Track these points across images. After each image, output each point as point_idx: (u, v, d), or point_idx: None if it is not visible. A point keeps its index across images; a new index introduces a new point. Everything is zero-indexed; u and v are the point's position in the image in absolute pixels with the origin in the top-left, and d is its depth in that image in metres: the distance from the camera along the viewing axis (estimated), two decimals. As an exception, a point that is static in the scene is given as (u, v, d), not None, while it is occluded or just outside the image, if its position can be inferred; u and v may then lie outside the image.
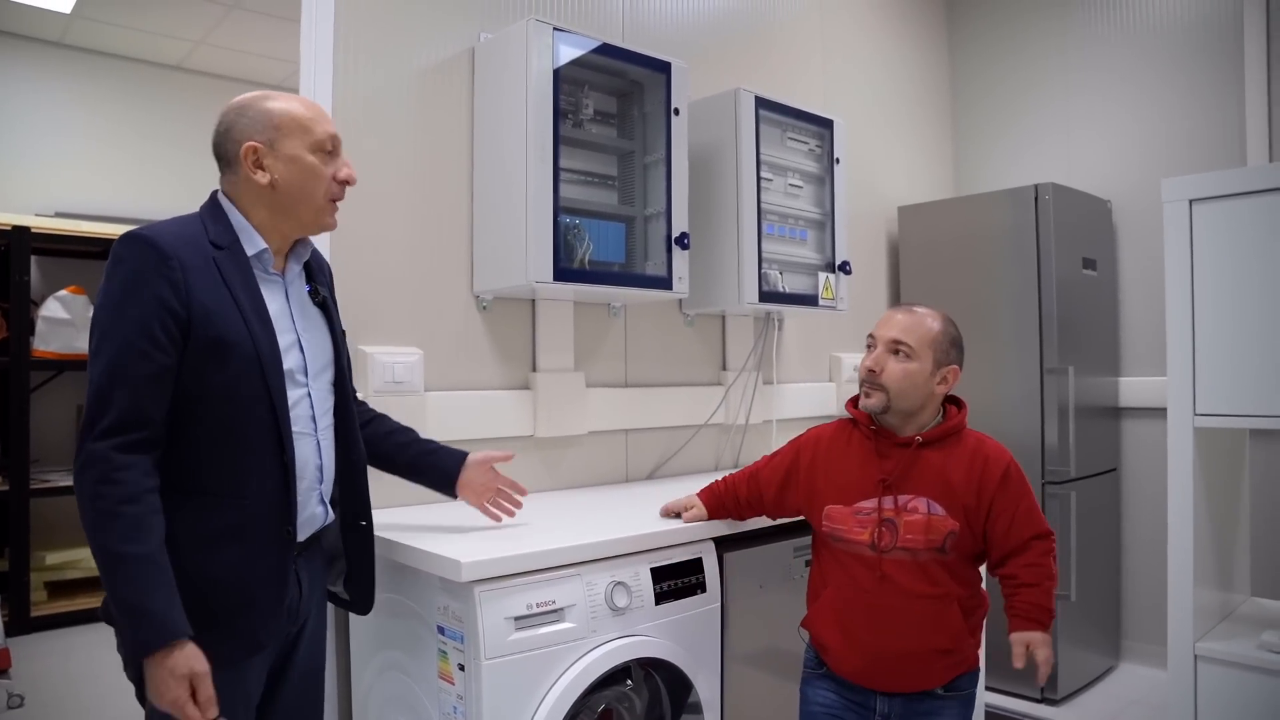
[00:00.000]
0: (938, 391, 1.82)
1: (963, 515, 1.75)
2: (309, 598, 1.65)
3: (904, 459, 1.80)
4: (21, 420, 4.57)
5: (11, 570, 4.54)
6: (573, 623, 1.80)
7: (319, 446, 1.63)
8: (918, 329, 1.81)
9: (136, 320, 1.40)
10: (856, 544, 1.81)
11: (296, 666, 1.66)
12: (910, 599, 1.75)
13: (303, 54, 2.25)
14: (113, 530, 1.34)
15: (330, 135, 1.60)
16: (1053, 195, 3.43)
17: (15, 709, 3.60)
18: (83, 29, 5.19)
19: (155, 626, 1.34)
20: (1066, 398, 3.40)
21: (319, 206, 1.60)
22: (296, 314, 1.62)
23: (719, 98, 2.90)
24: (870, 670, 1.81)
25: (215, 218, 1.56)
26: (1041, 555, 1.75)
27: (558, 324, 2.68)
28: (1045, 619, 1.73)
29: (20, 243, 4.62)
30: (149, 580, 1.34)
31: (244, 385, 1.48)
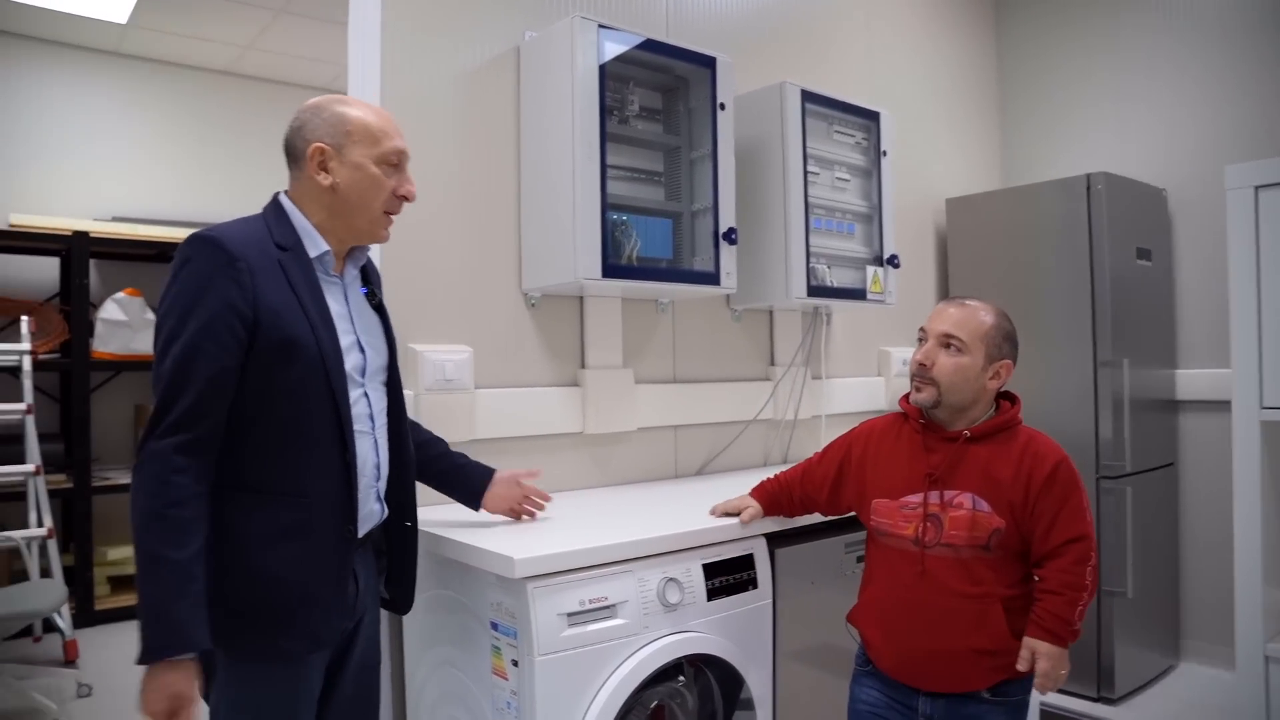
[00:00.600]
0: (989, 386, 1.79)
1: (1009, 513, 1.71)
2: (365, 594, 1.68)
3: (951, 454, 1.77)
4: (83, 420, 4.70)
5: (76, 565, 4.67)
6: (625, 619, 1.80)
7: (376, 445, 1.65)
8: (970, 322, 1.78)
9: (204, 321, 1.42)
10: (901, 538, 1.79)
11: (353, 662, 1.68)
12: (951, 596, 1.72)
13: (350, 56, 2.28)
14: (155, 531, 1.36)
15: (397, 150, 1.61)
16: (1105, 184, 3.36)
17: (84, 698, 3.71)
18: (137, 38, 5.30)
19: (172, 633, 1.35)
20: (1121, 391, 3.33)
21: (374, 217, 1.62)
22: (355, 315, 1.65)
23: (764, 91, 2.89)
24: (909, 667, 1.79)
25: (278, 219, 1.58)
26: (1075, 562, 1.68)
27: (606, 321, 2.68)
28: (1061, 630, 1.67)
29: (80, 247, 4.75)
30: (180, 586, 1.36)
31: (308, 385, 1.50)
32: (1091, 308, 3.37)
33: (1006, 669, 1.72)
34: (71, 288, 4.78)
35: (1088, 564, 1.68)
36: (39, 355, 4.53)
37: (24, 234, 4.79)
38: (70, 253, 4.79)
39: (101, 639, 4.43)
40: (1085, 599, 1.68)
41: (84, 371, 4.73)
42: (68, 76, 5.36)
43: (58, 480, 4.62)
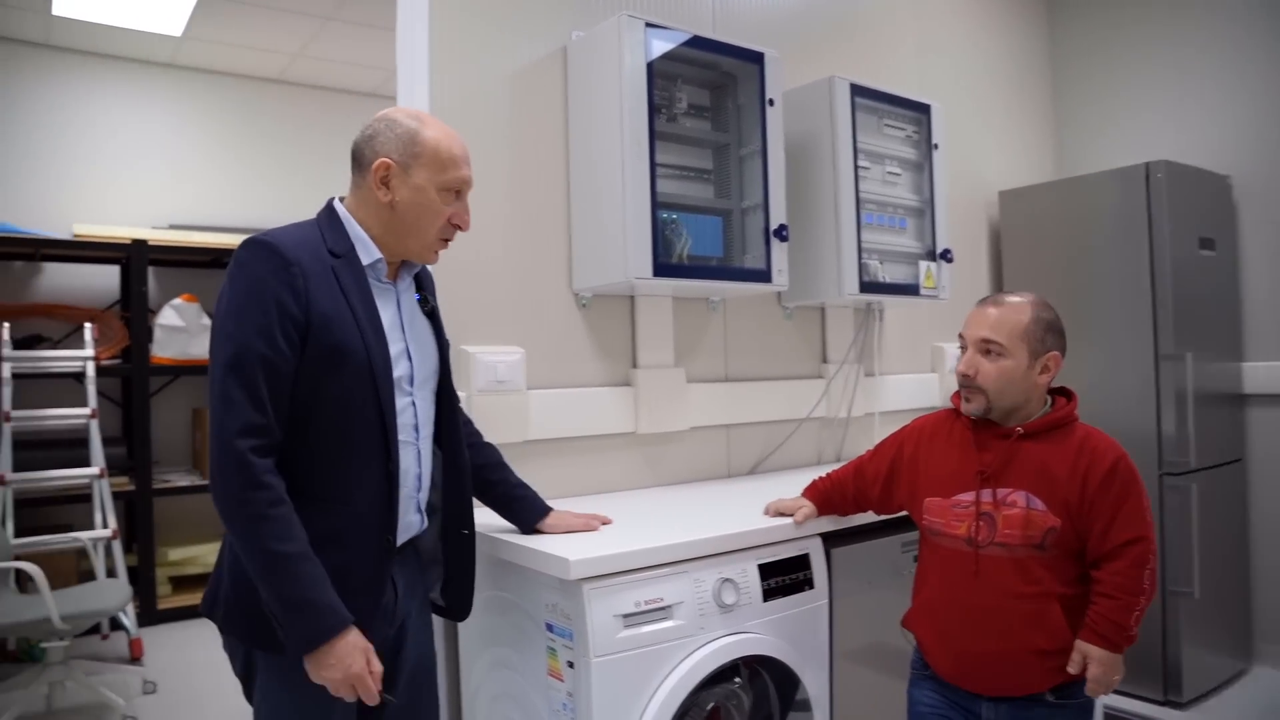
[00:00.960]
0: (1040, 382, 1.74)
1: (1064, 511, 1.66)
2: (405, 600, 1.67)
3: (1004, 451, 1.73)
4: (143, 423, 4.81)
5: (139, 565, 4.78)
6: (680, 620, 1.79)
7: (419, 455, 1.65)
8: (1006, 323, 1.73)
9: (259, 324, 1.42)
10: (953, 538, 1.76)
11: (405, 664, 1.69)
12: (1006, 597, 1.68)
13: (399, 59, 2.30)
14: (266, 532, 1.38)
15: (462, 179, 1.61)
16: (1165, 173, 3.27)
17: (149, 694, 3.79)
18: (191, 49, 5.41)
19: (327, 616, 1.40)
20: (1184, 385, 3.23)
21: (426, 243, 1.62)
22: (406, 323, 1.64)
23: (813, 86, 2.85)
24: (966, 671, 1.76)
25: (332, 225, 1.58)
26: (1131, 565, 1.62)
27: (657, 320, 2.67)
28: (1114, 635, 1.62)
29: (139, 255, 4.86)
30: (310, 575, 1.39)
31: (356, 393, 1.51)
32: (1152, 300, 3.28)
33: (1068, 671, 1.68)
34: (131, 295, 4.90)
35: (1145, 567, 1.63)
36: (101, 361, 4.65)
37: (86, 244, 4.92)
38: (130, 261, 4.91)
39: (164, 638, 4.53)
40: (1142, 604, 1.63)
41: (144, 376, 4.85)
42: (125, 89, 5.50)
43: (120, 483, 4.73)
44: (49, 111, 5.26)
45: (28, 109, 5.20)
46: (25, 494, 4.31)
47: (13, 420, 4.22)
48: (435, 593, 1.81)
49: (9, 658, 4.30)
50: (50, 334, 4.94)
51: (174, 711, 3.61)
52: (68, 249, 4.91)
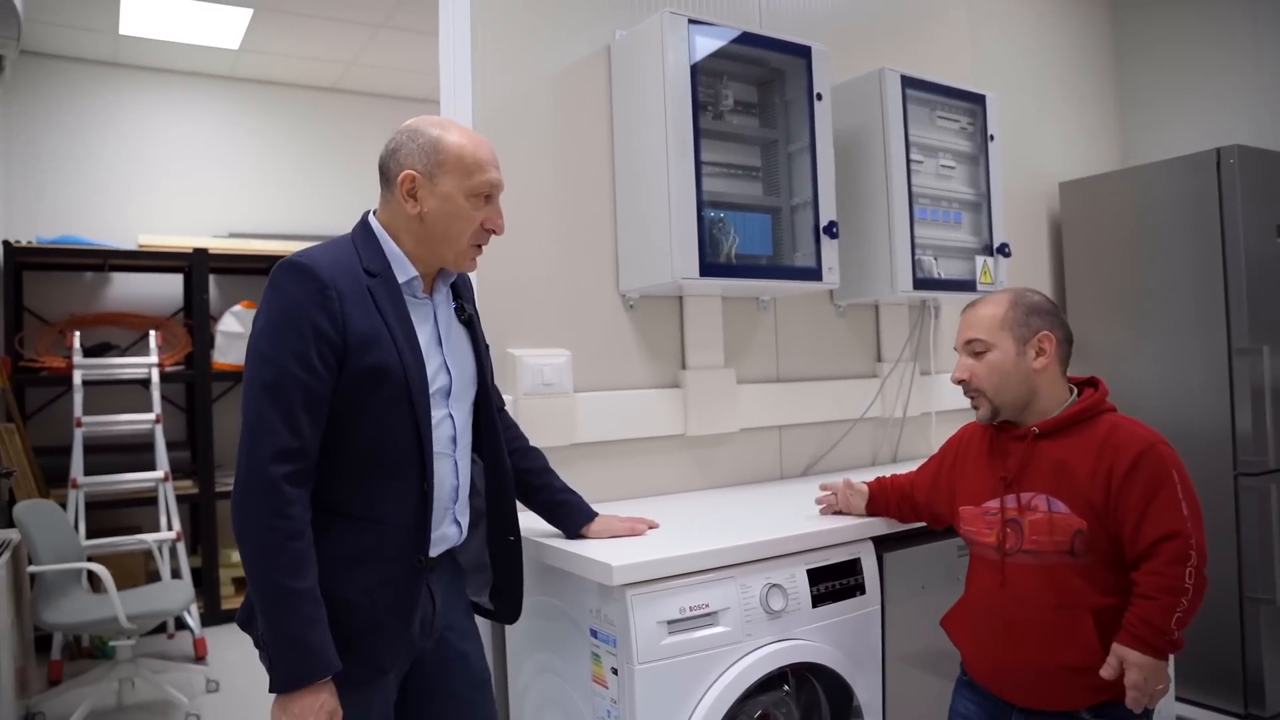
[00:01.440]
0: (1038, 367, 1.67)
1: (1089, 513, 1.58)
2: (445, 612, 1.65)
3: (1022, 453, 1.68)
4: (206, 428, 4.93)
5: (203, 566, 4.89)
6: (727, 626, 1.76)
7: (456, 467, 1.63)
8: (984, 319, 1.71)
9: (296, 349, 1.41)
10: (985, 546, 1.72)
11: (455, 675, 1.67)
12: (1033, 608, 1.62)
13: (441, 63, 2.30)
14: (280, 564, 1.37)
15: (490, 182, 1.57)
16: (1238, 158, 3.12)
17: (213, 693, 3.88)
18: (249, 61, 5.53)
19: (312, 660, 1.37)
20: (1261, 380, 3.09)
21: (460, 250, 1.58)
22: (444, 336, 1.62)
23: (863, 79, 2.79)
24: (999, 679, 1.71)
25: (367, 243, 1.57)
26: (1168, 563, 1.51)
27: (706, 320, 2.63)
28: (1153, 639, 1.50)
29: (200, 263, 4.98)
30: (310, 615, 1.37)
31: (393, 412, 1.49)
32: (1224, 292, 3.15)
33: (1105, 689, 1.57)
34: (193, 302, 5.02)
35: (1185, 564, 1.50)
36: (165, 368, 4.77)
37: (151, 253, 5.06)
38: (191, 269, 5.03)
39: (227, 638, 4.62)
40: (1185, 604, 1.51)
41: (206, 382, 4.96)
42: (186, 103, 5.65)
43: (184, 486, 4.85)
44: (115, 127, 5.43)
45: (96, 125, 5.37)
46: (95, 497, 4.44)
47: (84, 425, 4.35)
48: (483, 598, 1.80)
49: (84, 654, 4.44)
50: (118, 342, 5.09)
51: (235, 710, 3.68)
52: (133, 259, 5.05)
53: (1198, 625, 1.61)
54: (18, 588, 3.36)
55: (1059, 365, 1.70)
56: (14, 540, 3.39)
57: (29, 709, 3.55)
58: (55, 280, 5.12)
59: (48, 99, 5.23)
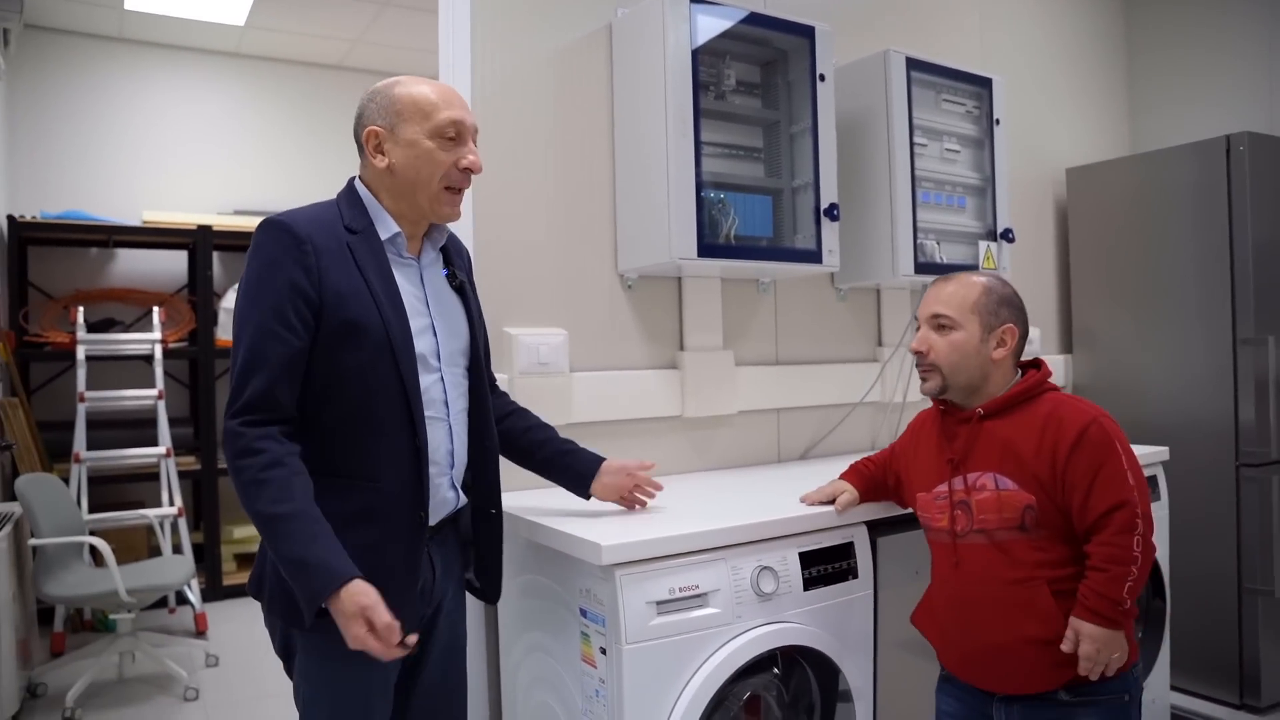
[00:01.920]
0: (997, 357, 1.69)
1: (1038, 488, 1.60)
2: (443, 580, 1.66)
3: (968, 435, 1.70)
4: (209, 404, 4.94)
5: (205, 542, 4.92)
6: (717, 608, 1.75)
7: (451, 431, 1.63)
8: (955, 296, 1.71)
9: (271, 305, 1.43)
10: (939, 531, 1.73)
11: (437, 646, 1.68)
12: (989, 584, 1.63)
13: (441, 40, 2.28)
14: (261, 496, 1.38)
15: (452, 121, 1.55)
16: (1249, 146, 3.09)
17: (212, 667, 3.91)
18: (254, 38, 5.52)
19: (320, 575, 1.36)
20: (1265, 371, 3.07)
21: (434, 194, 1.56)
22: (431, 298, 1.62)
23: (867, 61, 2.76)
24: (970, 666, 1.71)
25: (351, 202, 1.58)
26: (1117, 533, 1.53)
27: (705, 301, 2.62)
28: (1106, 610, 1.52)
29: (204, 240, 4.98)
30: (304, 533, 1.37)
31: (376, 369, 1.49)
32: (1230, 281, 3.12)
33: (1076, 662, 1.58)
34: (197, 279, 5.02)
35: (1133, 533, 1.52)
36: (169, 344, 4.78)
37: (155, 230, 5.06)
38: (196, 246, 5.03)
39: (228, 613, 4.66)
40: (1135, 573, 1.52)
41: (209, 359, 4.98)
42: (190, 79, 5.64)
43: (187, 462, 4.87)
44: (121, 102, 5.42)
45: (101, 100, 5.37)
46: (98, 471, 4.47)
47: (87, 400, 4.36)
48: (469, 574, 1.80)
49: (86, 627, 4.48)
50: (122, 318, 5.10)
51: (234, 684, 3.71)
52: (138, 235, 5.06)
53: (1194, 614, 1.60)
54: (19, 560, 3.38)
55: (1013, 358, 1.73)
56: (16, 513, 3.42)
57: (31, 680, 3.59)
58: (59, 255, 5.13)
59: (52, 74, 5.22)
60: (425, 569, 1.60)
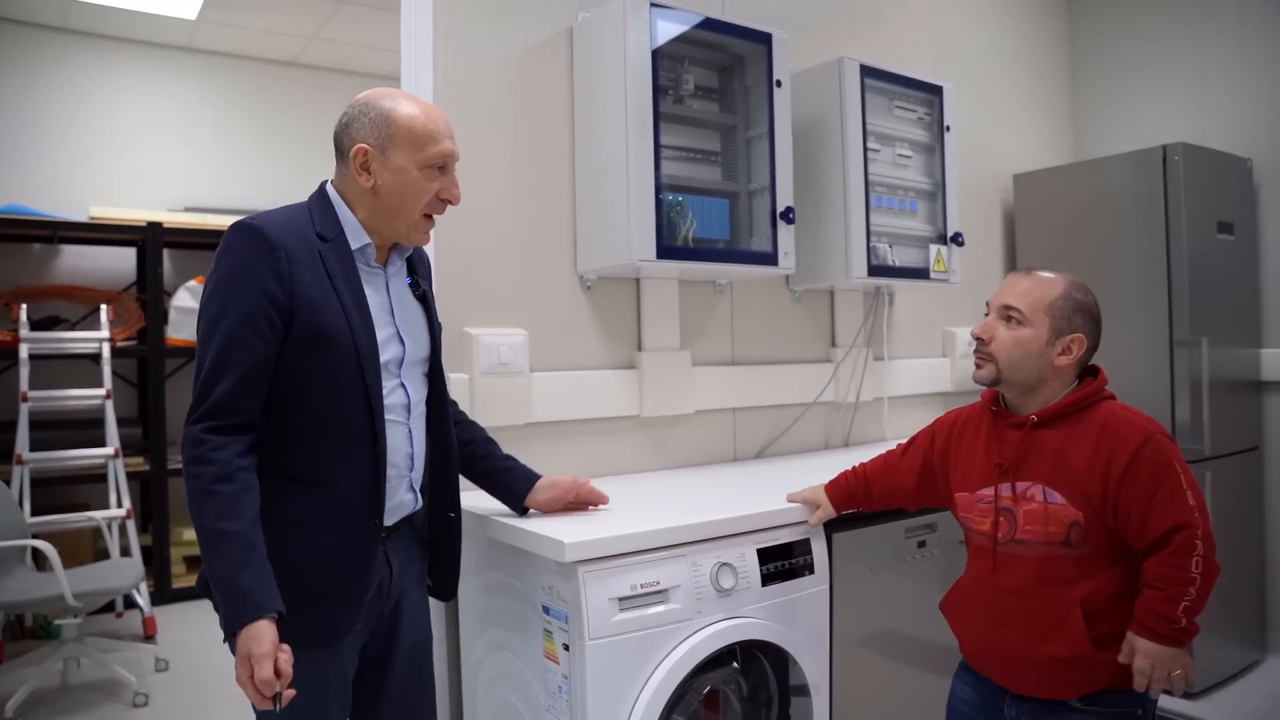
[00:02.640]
0: (1059, 363, 1.64)
1: (1087, 505, 1.55)
2: (401, 578, 1.67)
3: (1019, 442, 1.65)
4: (158, 404, 4.86)
5: (154, 545, 4.83)
6: (677, 604, 1.78)
7: (410, 434, 1.63)
8: (1033, 293, 1.66)
9: (242, 310, 1.42)
10: (979, 534, 1.72)
11: (402, 641, 1.69)
12: (1019, 597, 1.62)
13: (403, 40, 2.29)
14: (207, 508, 1.38)
15: (444, 153, 1.57)
16: (1183, 155, 3.21)
17: (162, 671, 3.84)
18: (206, 33, 5.43)
19: (243, 600, 1.36)
20: (1199, 371, 3.19)
21: (413, 222, 1.58)
22: (396, 307, 1.63)
23: (822, 68, 2.82)
24: (990, 664, 1.72)
25: (323, 209, 1.58)
26: (1175, 554, 1.49)
27: (662, 302, 2.65)
28: (1159, 627, 1.49)
29: (154, 237, 4.90)
30: (240, 556, 1.37)
31: (342, 377, 1.50)
32: (1168, 285, 3.23)
33: (1095, 679, 1.58)
34: (147, 277, 4.93)
35: (1192, 554, 1.48)
36: (117, 343, 4.69)
37: (103, 226, 4.96)
38: (145, 243, 4.94)
39: (178, 617, 4.58)
40: (1194, 594, 1.49)
41: (159, 358, 4.89)
42: (141, 73, 5.53)
43: (135, 463, 4.78)
44: (67, 95, 5.30)
45: (46, 93, 5.23)
46: (42, 473, 4.36)
47: (30, 400, 4.27)
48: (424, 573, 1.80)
49: (26, 634, 4.37)
50: (68, 315, 4.99)
51: (185, 689, 3.65)
52: (85, 231, 4.96)
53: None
54: (-40, 564, 3.30)
55: (1076, 367, 1.67)
56: (-43, 516, 3.33)
57: (-29, 687, 3.50)
58: (1, 251, 5.00)
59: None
60: (382, 568, 1.60)
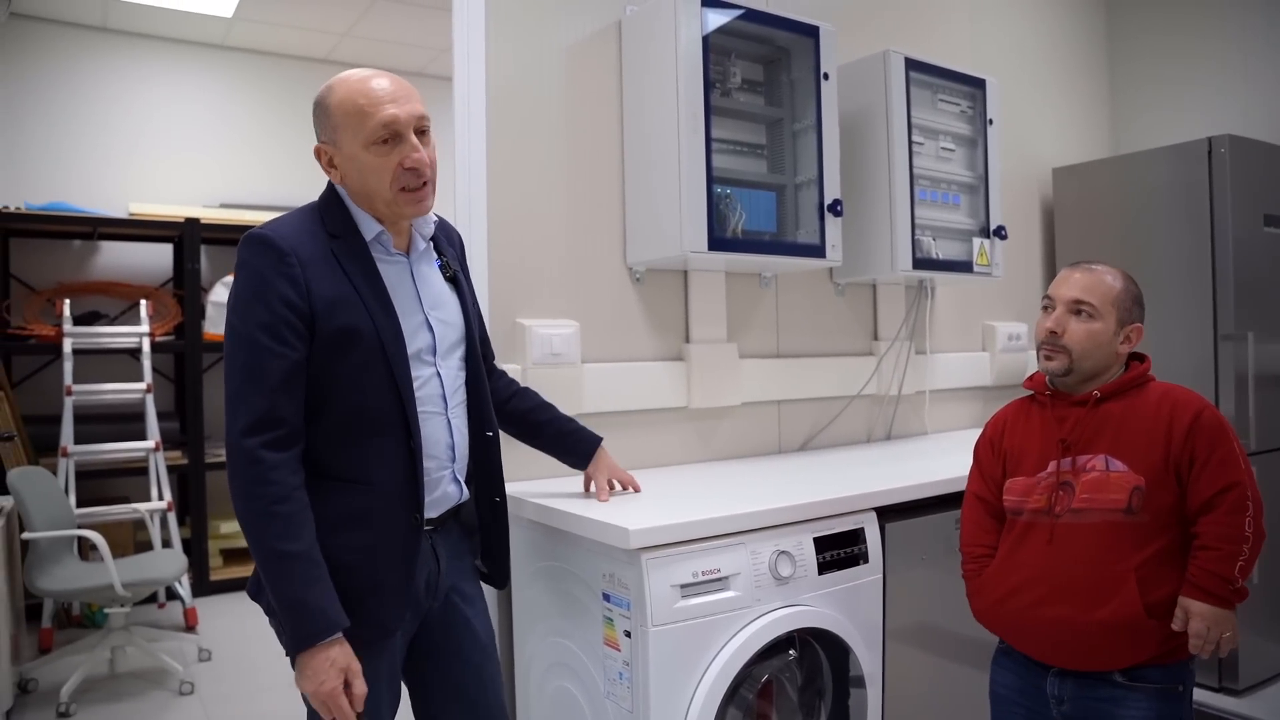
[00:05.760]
0: (1121, 351, 1.74)
1: (1148, 470, 1.62)
2: (449, 572, 1.66)
3: (1082, 417, 1.72)
4: (196, 399, 4.91)
5: (192, 538, 4.89)
6: (737, 591, 1.80)
7: (450, 425, 1.62)
8: (1099, 287, 1.73)
9: (264, 321, 1.42)
10: (1032, 512, 1.73)
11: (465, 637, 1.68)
12: (1077, 564, 1.64)
13: (454, 36, 2.30)
14: (269, 529, 1.38)
15: (383, 123, 1.48)
16: (1229, 148, 3.18)
17: (205, 662, 3.89)
18: (242, 30, 5.48)
19: (316, 620, 1.38)
20: (1245, 366, 3.17)
21: (389, 199, 1.52)
22: (423, 293, 1.61)
23: (867, 61, 2.82)
24: (1028, 639, 1.72)
25: (331, 205, 1.57)
26: (1229, 513, 1.56)
27: (710, 295, 2.67)
28: (1216, 588, 1.54)
29: (191, 234, 4.95)
30: (307, 576, 1.38)
31: (369, 372, 1.49)
32: (1212, 279, 3.21)
33: (1140, 649, 1.61)
34: (184, 272, 4.99)
35: (1244, 514, 1.56)
36: (156, 338, 4.74)
37: (141, 222, 5.02)
38: (183, 239, 5.00)
39: (217, 608, 4.64)
40: (1247, 552, 1.55)
41: (196, 353, 4.94)
42: (178, 71, 5.59)
43: (174, 456, 4.83)
44: (106, 94, 5.36)
45: (86, 92, 5.30)
46: (85, 466, 4.42)
47: (74, 394, 4.32)
48: (477, 560, 1.80)
49: (73, 622, 4.44)
50: (107, 311, 5.06)
51: (228, 678, 3.70)
52: (124, 228, 5.02)
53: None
54: (10, 555, 3.35)
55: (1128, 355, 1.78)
56: (6, 507, 3.39)
57: (22, 675, 3.56)
58: (43, 248, 5.07)
59: (38, 64, 5.16)
60: (429, 562, 1.60)
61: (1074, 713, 1.69)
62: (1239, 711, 3.06)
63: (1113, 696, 1.65)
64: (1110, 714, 1.65)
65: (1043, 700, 1.73)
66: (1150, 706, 1.63)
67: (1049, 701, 1.72)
